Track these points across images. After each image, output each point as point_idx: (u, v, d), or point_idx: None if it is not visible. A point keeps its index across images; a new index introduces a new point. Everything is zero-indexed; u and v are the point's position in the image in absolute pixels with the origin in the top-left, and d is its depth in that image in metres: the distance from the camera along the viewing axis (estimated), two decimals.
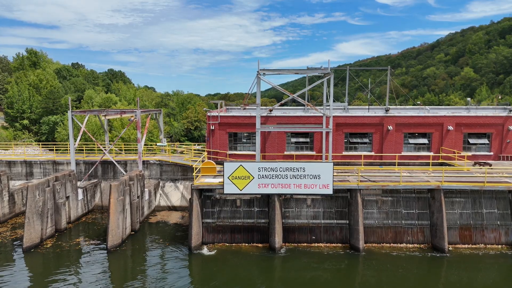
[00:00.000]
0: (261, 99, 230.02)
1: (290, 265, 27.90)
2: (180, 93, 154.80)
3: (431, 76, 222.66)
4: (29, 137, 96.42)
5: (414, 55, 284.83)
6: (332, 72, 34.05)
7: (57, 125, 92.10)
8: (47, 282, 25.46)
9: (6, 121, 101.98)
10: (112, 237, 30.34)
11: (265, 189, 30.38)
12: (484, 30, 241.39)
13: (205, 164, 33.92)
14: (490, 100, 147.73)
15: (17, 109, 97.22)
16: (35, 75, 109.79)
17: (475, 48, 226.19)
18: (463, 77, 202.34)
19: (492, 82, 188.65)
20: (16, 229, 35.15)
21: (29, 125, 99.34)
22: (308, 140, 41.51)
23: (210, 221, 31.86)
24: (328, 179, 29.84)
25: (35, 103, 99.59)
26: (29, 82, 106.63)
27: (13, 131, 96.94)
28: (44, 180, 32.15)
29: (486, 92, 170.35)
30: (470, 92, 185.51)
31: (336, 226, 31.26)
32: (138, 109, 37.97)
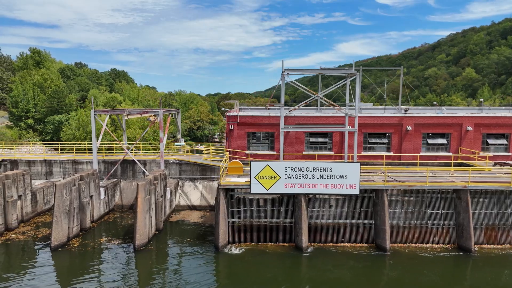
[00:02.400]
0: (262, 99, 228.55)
1: (318, 265, 28.06)
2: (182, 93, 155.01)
3: (432, 76, 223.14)
4: (33, 136, 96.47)
5: (415, 56, 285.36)
6: (358, 72, 34.24)
7: (62, 124, 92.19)
8: (76, 281, 25.56)
9: (10, 121, 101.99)
10: (139, 236, 30.48)
11: (292, 189, 30.55)
12: (485, 31, 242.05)
13: (232, 163, 34.09)
14: (492, 101, 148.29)
15: (21, 108, 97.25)
16: (39, 75, 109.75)
17: (476, 48, 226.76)
18: (465, 78, 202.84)
19: (494, 83, 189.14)
20: (39, 228, 35.26)
21: (33, 125, 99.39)
22: (327, 140, 41.72)
23: (236, 220, 32.03)
24: (355, 179, 30.05)
25: (39, 102, 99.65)
26: (34, 81, 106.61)
27: (17, 131, 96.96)
28: (71, 179, 32.28)
29: (488, 92, 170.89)
30: (471, 92, 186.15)
31: (362, 226, 31.46)
32: (161, 109, 38.13)
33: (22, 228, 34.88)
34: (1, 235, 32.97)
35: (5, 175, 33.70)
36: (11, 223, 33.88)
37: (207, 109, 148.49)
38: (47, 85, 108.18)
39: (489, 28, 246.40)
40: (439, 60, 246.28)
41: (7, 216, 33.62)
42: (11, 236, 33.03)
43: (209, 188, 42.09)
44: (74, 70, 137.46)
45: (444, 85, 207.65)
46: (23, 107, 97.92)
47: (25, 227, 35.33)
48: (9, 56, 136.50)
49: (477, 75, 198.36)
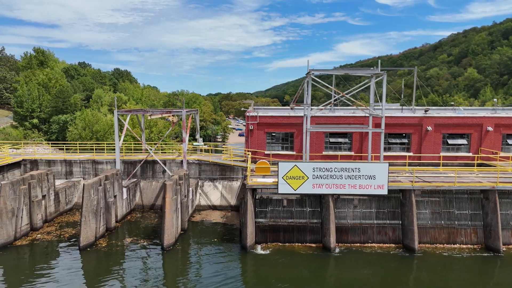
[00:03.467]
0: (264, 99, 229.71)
1: (347, 265, 28.14)
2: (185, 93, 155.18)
3: (434, 76, 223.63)
4: (38, 136, 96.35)
5: (416, 56, 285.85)
6: (385, 73, 34.36)
7: (67, 124, 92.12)
8: (106, 280, 25.61)
9: (15, 120, 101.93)
10: (167, 236, 30.53)
11: (320, 189, 30.63)
12: (487, 31, 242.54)
13: (260, 164, 34.15)
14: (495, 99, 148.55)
15: (26, 108, 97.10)
16: (44, 74, 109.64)
17: (478, 49, 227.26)
18: (467, 78, 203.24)
19: (496, 83, 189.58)
20: (64, 227, 35.26)
21: (38, 124, 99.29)
22: (347, 140, 41.82)
23: (262, 220, 32.10)
24: (383, 180, 30.13)
25: (44, 102, 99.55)
26: (38, 81, 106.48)
27: (23, 130, 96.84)
28: (97, 179, 32.30)
29: (491, 93, 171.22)
30: (474, 92, 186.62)
31: (389, 227, 31.57)
32: (184, 109, 38.16)
33: (46, 228, 34.87)
34: (27, 235, 32.96)
35: (30, 175, 33.71)
36: (36, 223, 33.89)
37: (210, 109, 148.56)
38: (51, 85, 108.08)
39: (491, 28, 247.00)
40: (440, 60, 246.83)
41: (32, 216, 33.63)
42: (37, 236, 33.01)
43: (228, 188, 42.15)
44: (78, 70, 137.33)
45: (446, 85, 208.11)
46: (28, 106, 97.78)
47: (49, 227, 35.32)
48: (12, 56, 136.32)
49: (479, 75, 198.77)
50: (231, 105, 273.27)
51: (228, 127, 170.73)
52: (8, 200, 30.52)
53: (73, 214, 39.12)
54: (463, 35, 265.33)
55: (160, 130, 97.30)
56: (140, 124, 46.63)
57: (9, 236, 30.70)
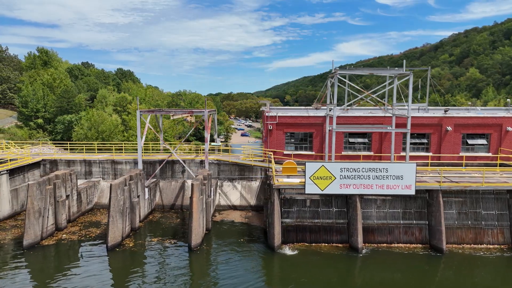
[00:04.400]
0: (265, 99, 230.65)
1: (375, 266, 28.14)
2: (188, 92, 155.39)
3: (436, 76, 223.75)
4: (43, 136, 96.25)
5: (417, 56, 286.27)
6: (411, 73, 34.44)
7: (72, 124, 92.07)
8: (135, 281, 25.68)
9: (20, 120, 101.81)
10: (195, 236, 30.55)
11: (347, 189, 30.69)
12: (488, 31, 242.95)
13: (286, 164, 34.20)
14: (497, 101, 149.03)
15: (31, 108, 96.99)
16: (48, 74, 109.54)
17: (479, 49, 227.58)
18: (469, 78, 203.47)
19: (499, 83, 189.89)
20: (88, 227, 35.23)
21: (43, 124, 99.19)
22: (366, 141, 41.89)
23: (288, 220, 32.15)
24: (411, 180, 30.21)
25: (49, 102, 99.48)
26: (43, 81, 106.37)
27: (27, 130, 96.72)
28: (122, 179, 32.30)
29: (493, 93, 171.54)
30: (476, 92, 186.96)
31: (416, 227, 31.64)
32: (206, 109, 38.17)
33: (71, 228, 34.85)
34: (53, 235, 32.94)
35: (55, 175, 33.70)
36: (61, 223, 33.87)
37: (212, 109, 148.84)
38: (56, 85, 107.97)
39: (492, 28, 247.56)
40: (442, 60, 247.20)
41: (57, 216, 33.62)
42: (62, 236, 33.00)
43: (248, 188, 42.18)
44: (82, 70, 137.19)
45: (448, 85, 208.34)
46: (33, 106, 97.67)
47: (73, 227, 35.30)
48: (16, 56, 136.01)
49: (481, 75, 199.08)
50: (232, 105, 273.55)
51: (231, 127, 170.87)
52: (35, 200, 30.51)
53: (94, 214, 39.11)
54: (464, 35, 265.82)
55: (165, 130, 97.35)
56: (159, 124, 46.60)
57: (36, 236, 30.68)
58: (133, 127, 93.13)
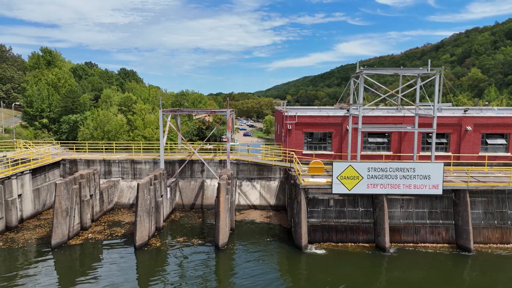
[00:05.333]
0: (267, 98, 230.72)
1: (403, 265, 28.18)
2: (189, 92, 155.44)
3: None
4: (48, 136, 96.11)
5: (418, 56, 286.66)
6: (437, 72, 34.56)
7: (77, 124, 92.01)
8: (164, 280, 25.77)
9: (25, 120, 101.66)
10: (222, 235, 30.59)
11: (374, 189, 30.77)
12: (490, 31, 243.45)
13: (313, 164, 34.26)
14: (499, 101, 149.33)
15: (36, 108, 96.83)
16: (53, 74, 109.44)
17: (481, 49, 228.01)
18: (470, 78, 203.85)
19: (501, 83, 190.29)
20: (112, 227, 35.22)
21: (48, 124, 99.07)
22: (385, 140, 41.96)
23: (314, 220, 32.21)
24: (438, 180, 30.30)
25: (54, 102, 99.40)
26: (48, 81, 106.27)
27: (33, 130, 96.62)
28: (148, 179, 32.31)
29: (495, 93, 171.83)
30: (478, 92, 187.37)
31: (442, 227, 31.73)
32: (228, 109, 38.22)
33: (95, 228, 34.85)
34: (78, 235, 32.93)
35: (80, 174, 33.69)
36: (86, 222, 33.89)
37: None
38: (61, 85, 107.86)
39: (493, 28, 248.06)
40: (443, 60, 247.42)
41: (82, 216, 33.62)
42: (88, 235, 33.00)
43: (267, 187, 42.22)
44: (86, 70, 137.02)
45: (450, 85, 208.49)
46: (37, 106, 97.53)
47: (97, 226, 35.29)
48: (19, 56, 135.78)
49: (483, 75, 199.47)
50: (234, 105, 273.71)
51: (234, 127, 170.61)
52: (63, 199, 30.51)
53: (115, 213, 39.12)
54: (465, 35, 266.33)
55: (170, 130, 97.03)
56: (177, 124, 46.56)
57: (63, 235, 30.68)
58: (139, 127, 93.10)
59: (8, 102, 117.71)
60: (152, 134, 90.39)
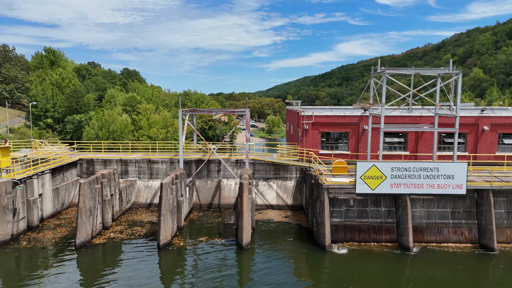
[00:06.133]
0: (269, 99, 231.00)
1: (427, 265, 28.17)
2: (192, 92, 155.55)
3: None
4: (53, 136, 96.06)
5: (419, 56, 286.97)
6: (460, 72, 34.67)
7: (82, 123, 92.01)
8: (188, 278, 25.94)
9: (29, 120, 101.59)
10: (245, 234, 30.62)
11: (397, 189, 30.82)
12: (491, 31, 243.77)
13: (337, 163, 34.30)
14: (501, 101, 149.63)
15: (40, 107, 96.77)
16: (57, 74, 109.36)
17: (482, 49, 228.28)
18: (472, 78, 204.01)
19: (503, 83, 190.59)
20: (132, 226, 35.22)
21: (52, 124, 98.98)
22: (402, 140, 42.02)
23: (336, 220, 32.24)
24: (462, 179, 30.36)
25: (58, 102, 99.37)
26: (52, 81, 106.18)
27: (37, 130, 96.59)
28: (170, 178, 32.31)
29: (497, 93, 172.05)
30: (480, 92, 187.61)
31: (465, 226, 31.80)
32: (247, 109, 38.25)
33: (116, 227, 34.85)
34: (100, 234, 32.92)
35: (101, 174, 33.68)
36: (107, 221, 33.89)
37: None
38: (65, 85, 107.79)
39: (495, 28, 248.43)
40: (445, 60, 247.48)
41: (104, 215, 33.62)
42: (110, 235, 32.99)
43: (283, 187, 42.24)
44: (89, 70, 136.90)
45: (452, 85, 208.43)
46: (42, 106, 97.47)
47: (117, 226, 35.29)
48: (23, 56, 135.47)
49: (485, 75, 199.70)
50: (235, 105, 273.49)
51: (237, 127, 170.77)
52: (86, 199, 30.51)
53: (134, 213, 39.12)
54: (466, 35, 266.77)
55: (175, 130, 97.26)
56: (193, 124, 46.58)
57: (87, 234, 30.67)
58: (144, 126, 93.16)
59: (12, 102, 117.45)
60: (157, 134, 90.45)
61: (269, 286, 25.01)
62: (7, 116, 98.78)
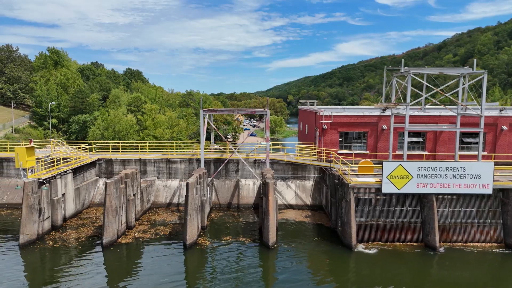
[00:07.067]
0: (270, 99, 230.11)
1: (454, 264, 28.18)
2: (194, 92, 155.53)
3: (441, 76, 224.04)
4: (58, 136, 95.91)
5: (420, 56, 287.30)
6: (485, 71, 34.75)
7: (87, 124, 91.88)
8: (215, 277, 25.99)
9: (34, 120, 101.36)
10: (271, 234, 30.62)
11: (424, 188, 30.85)
12: (492, 31, 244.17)
13: (363, 163, 34.31)
14: (503, 101, 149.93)
15: (45, 108, 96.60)
16: (61, 74, 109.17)
17: (484, 49, 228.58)
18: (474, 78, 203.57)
19: (505, 83, 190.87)
20: (155, 226, 35.16)
21: (57, 124, 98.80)
22: (421, 140, 42.06)
23: (361, 219, 32.24)
24: (488, 179, 30.41)
25: (63, 102, 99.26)
26: (56, 81, 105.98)
27: (42, 130, 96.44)
28: (195, 178, 32.29)
29: (499, 93, 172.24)
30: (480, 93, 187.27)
31: (490, 226, 31.84)
32: (267, 109, 38.25)
33: (139, 227, 34.78)
34: (125, 234, 32.86)
35: (125, 174, 33.62)
36: (131, 221, 33.85)
37: None
38: (69, 85, 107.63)
39: (496, 28, 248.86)
40: (446, 60, 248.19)
41: (128, 214, 33.56)
42: (135, 234, 32.93)
43: (302, 187, 42.23)
44: (93, 70, 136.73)
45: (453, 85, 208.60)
46: (46, 106, 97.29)
47: (140, 225, 35.23)
48: (26, 56, 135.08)
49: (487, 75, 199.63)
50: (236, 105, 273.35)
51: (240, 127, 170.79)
52: (113, 198, 30.47)
53: (154, 212, 39.07)
54: (467, 35, 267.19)
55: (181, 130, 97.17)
56: (211, 124, 46.51)
57: (114, 234, 30.63)
58: (149, 127, 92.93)
59: (16, 102, 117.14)
60: (163, 134, 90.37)
61: (298, 285, 25.08)
62: (13, 116, 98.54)
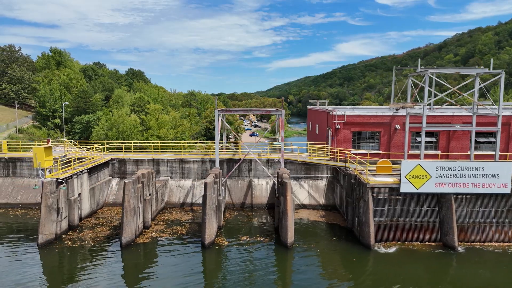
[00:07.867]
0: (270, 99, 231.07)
1: (473, 264, 28.20)
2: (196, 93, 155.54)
3: (442, 76, 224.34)
4: (61, 136, 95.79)
5: (421, 56, 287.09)
6: (503, 71, 34.77)
7: (90, 124, 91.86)
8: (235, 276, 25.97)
9: (37, 120, 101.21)
10: (290, 234, 30.58)
11: (442, 188, 30.85)
12: (493, 31, 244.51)
13: (381, 163, 34.30)
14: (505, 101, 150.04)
15: (49, 108, 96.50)
16: (64, 74, 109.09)
17: (485, 48, 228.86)
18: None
19: (506, 83, 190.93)
20: (170, 226, 35.09)
21: (60, 124, 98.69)
22: (434, 140, 42.07)
23: (379, 219, 32.21)
24: (507, 179, 30.43)
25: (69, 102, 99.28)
26: (59, 81, 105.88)
27: (46, 130, 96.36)
28: (212, 178, 32.24)
29: None
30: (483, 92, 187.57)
31: (508, 225, 31.86)
32: (282, 109, 38.25)
33: (155, 226, 34.73)
34: (142, 233, 32.80)
35: (141, 173, 33.55)
36: (148, 221, 33.80)
37: None
38: (72, 85, 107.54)
39: (496, 28, 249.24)
40: (447, 60, 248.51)
41: (144, 214, 33.50)
42: (152, 234, 32.87)
43: (314, 187, 42.21)
44: (96, 70, 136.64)
45: (455, 85, 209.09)
46: (50, 107, 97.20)
47: (156, 225, 35.17)
48: (29, 56, 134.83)
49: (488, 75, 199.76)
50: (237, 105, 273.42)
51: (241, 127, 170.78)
52: (131, 198, 30.40)
53: (169, 212, 39.03)
54: (468, 35, 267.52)
55: (184, 130, 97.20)
56: (225, 124, 46.47)
57: (132, 233, 30.58)
58: (153, 127, 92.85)
59: (18, 103, 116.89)
60: (167, 134, 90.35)
61: (320, 283, 25.16)
62: (16, 116, 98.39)
